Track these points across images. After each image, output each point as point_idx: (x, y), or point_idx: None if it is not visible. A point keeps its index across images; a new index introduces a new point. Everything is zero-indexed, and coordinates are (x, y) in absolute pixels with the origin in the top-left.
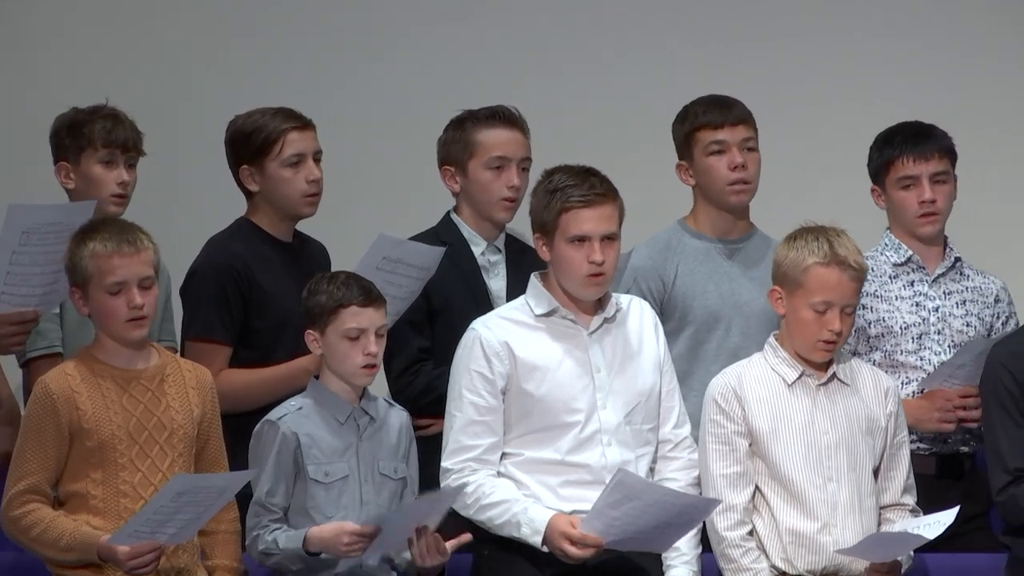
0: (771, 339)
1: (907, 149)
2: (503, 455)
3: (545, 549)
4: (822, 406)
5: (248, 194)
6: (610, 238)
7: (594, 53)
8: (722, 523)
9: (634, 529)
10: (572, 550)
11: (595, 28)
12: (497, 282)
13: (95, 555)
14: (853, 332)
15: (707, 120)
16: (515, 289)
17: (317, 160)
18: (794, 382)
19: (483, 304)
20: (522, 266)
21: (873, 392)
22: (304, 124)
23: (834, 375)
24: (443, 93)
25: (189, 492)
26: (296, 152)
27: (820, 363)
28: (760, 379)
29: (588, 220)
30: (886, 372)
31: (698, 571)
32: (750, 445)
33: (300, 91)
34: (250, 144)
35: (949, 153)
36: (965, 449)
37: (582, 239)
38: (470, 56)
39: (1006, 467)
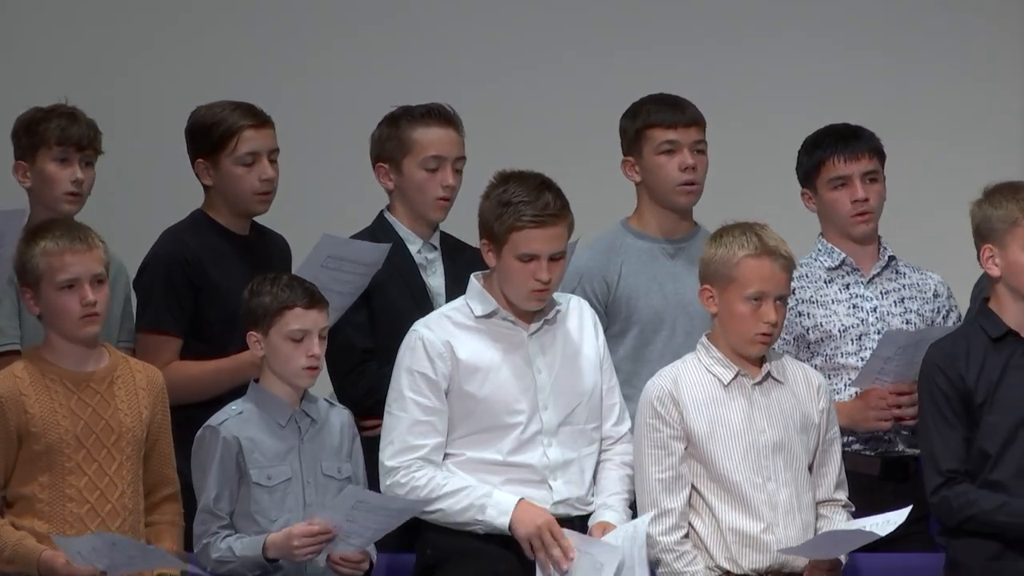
0: (703, 339)
1: (837, 150)
2: (444, 455)
3: (508, 532)
4: (759, 405)
5: (204, 186)
6: (558, 256)
7: (540, 52)
8: (656, 528)
9: None
10: (546, 540)
11: (542, 26)
12: (435, 279)
13: (35, 569)
14: (793, 340)
15: (660, 119)
16: (453, 285)
17: (273, 159)
18: (730, 382)
19: (423, 302)
20: (459, 263)
21: (806, 389)
22: (262, 122)
23: (768, 373)
24: (409, 89)
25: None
26: (250, 150)
27: (754, 361)
28: (696, 381)
29: (538, 240)
30: (828, 376)
31: (626, 515)
32: (686, 448)
33: (266, 84)
34: (206, 138)
35: (878, 153)
36: (910, 452)
37: (531, 257)
38: (440, 54)
39: (939, 468)
